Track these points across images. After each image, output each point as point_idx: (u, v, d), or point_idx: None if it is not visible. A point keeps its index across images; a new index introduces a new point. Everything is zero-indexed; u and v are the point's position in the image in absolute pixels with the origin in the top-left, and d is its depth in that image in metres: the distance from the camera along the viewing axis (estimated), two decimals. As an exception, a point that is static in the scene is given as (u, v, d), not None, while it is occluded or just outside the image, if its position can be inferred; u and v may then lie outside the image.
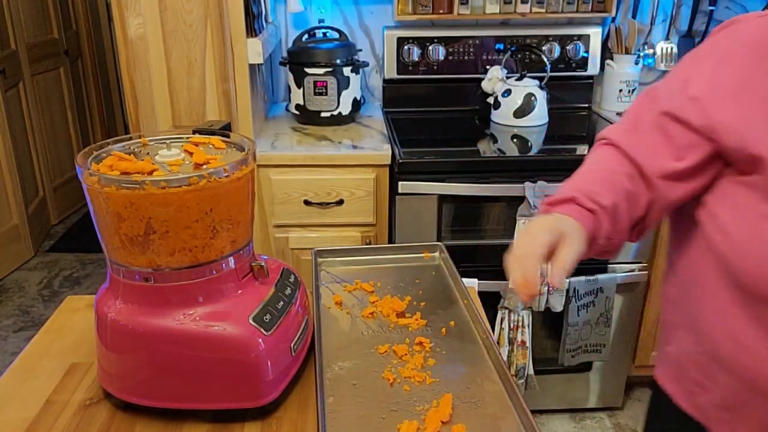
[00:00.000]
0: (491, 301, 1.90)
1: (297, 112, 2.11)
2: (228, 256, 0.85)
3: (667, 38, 2.32)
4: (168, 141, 0.91)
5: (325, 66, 2.03)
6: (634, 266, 1.97)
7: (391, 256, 1.23)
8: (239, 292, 0.87)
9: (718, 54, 0.79)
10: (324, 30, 2.19)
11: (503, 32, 2.26)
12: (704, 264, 0.81)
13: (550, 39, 2.26)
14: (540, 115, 2.13)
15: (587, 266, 1.90)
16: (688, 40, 2.34)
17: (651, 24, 2.30)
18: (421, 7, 2.17)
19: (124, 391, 0.87)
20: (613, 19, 2.30)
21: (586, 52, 2.28)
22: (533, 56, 2.27)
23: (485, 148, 2.04)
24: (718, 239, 0.78)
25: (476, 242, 1.93)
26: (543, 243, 0.74)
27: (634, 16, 2.29)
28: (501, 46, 2.26)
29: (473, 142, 2.09)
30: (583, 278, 1.91)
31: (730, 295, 0.78)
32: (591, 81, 2.36)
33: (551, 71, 2.18)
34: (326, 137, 2.01)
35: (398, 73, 2.27)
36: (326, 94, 2.05)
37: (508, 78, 2.17)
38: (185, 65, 1.74)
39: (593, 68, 2.31)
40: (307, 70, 2.04)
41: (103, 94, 4.28)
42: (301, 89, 2.06)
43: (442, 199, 1.84)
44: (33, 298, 2.99)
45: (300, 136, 2.03)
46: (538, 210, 0.88)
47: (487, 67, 2.25)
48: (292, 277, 0.95)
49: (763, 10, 1.03)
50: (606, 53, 2.32)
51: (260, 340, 0.83)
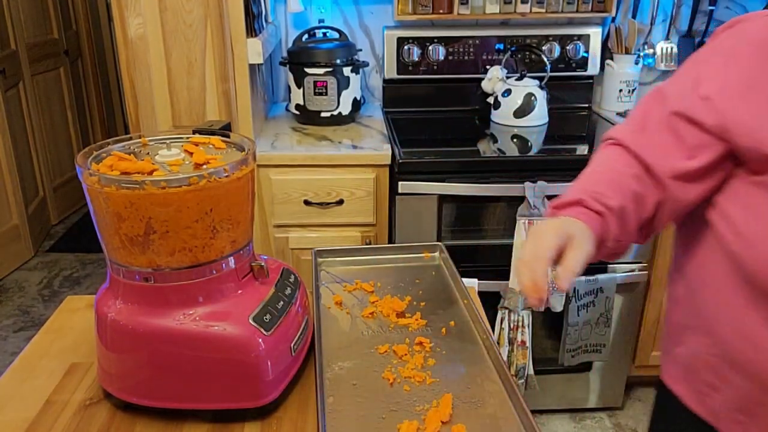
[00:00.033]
0: (491, 301, 1.90)
1: (297, 112, 2.11)
2: (228, 256, 0.85)
3: (667, 38, 2.32)
4: (168, 141, 0.91)
5: (325, 66, 2.03)
6: (634, 266, 1.97)
7: (391, 256, 1.23)
8: (239, 292, 0.87)
9: (725, 53, 0.79)
10: (324, 30, 2.19)
11: (503, 32, 2.26)
12: (715, 265, 0.81)
13: (550, 39, 2.26)
14: (540, 115, 2.13)
15: (587, 266, 1.89)
16: (688, 40, 2.34)
17: (651, 24, 2.30)
18: (421, 7, 2.17)
19: (124, 391, 0.87)
20: (613, 19, 2.30)
21: (586, 52, 2.28)
22: (533, 56, 2.27)
23: (485, 148, 2.04)
24: (730, 239, 0.78)
25: (476, 242, 1.93)
26: (551, 246, 0.74)
27: (634, 16, 2.29)
28: (501, 46, 2.26)
29: (473, 142, 2.09)
30: (583, 278, 1.90)
31: (742, 295, 0.77)
32: (591, 81, 2.36)
33: (551, 71, 2.18)
34: (326, 137, 2.01)
35: (398, 73, 2.27)
36: (326, 94, 2.05)
37: (508, 78, 2.17)
38: (185, 65, 1.74)
39: (593, 68, 2.31)
40: (307, 70, 2.04)
41: (103, 94, 4.28)
42: (301, 89, 2.06)
43: (442, 199, 1.84)
44: (33, 298, 2.99)
45: (300, 136, 2.03)
46: (546, 213, 0.87)
47: (487, 67, 2.25)
48: (292, 277, 0.95)
49: (763, 9, 1.03)
50: (606, 53, 2.32)
51: (260, 340, 0.83)
